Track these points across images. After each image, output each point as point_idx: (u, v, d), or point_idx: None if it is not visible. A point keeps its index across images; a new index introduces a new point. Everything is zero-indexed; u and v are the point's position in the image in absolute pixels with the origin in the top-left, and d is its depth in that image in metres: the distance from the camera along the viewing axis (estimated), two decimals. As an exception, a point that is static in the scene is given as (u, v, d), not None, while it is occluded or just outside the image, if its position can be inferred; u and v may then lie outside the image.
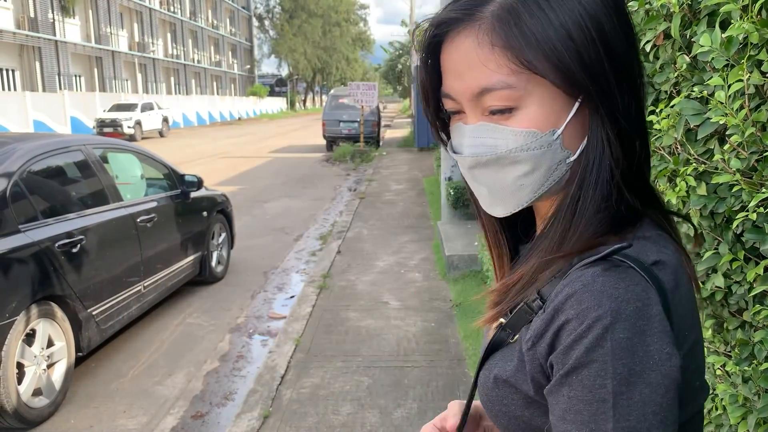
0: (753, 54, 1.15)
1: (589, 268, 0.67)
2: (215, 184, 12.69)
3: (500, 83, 0.71)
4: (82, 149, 4.70)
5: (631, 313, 0.63)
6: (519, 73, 0.70)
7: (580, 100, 0.72)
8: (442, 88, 0.79)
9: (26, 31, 29.11)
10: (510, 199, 0.77)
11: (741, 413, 1.45)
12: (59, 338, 3.96)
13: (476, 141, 0.75)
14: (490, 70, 0.71)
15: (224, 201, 6.85)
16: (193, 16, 52.26)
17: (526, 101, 0.71)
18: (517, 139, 0.72)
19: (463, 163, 0.78)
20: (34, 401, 3.74)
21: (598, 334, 0.62)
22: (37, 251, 3.78)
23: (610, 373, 0.62)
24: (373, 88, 18.17)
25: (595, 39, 0.70)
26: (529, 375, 0.72)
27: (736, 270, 1.40)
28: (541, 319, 0.69)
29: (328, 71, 74.49)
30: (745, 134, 1.18)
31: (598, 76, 0.71)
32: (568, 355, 0.65)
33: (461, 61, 0.73)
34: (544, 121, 0.72)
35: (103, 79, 36.46)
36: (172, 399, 4.13)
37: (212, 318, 5.60)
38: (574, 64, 0.70)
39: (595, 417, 0.62)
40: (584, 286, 0.65)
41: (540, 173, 0.74)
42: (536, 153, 0.73)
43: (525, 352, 0.72)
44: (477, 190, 0.81)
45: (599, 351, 0.62)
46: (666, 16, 1.51)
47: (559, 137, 0.72)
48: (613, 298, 0.64)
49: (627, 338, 0.62)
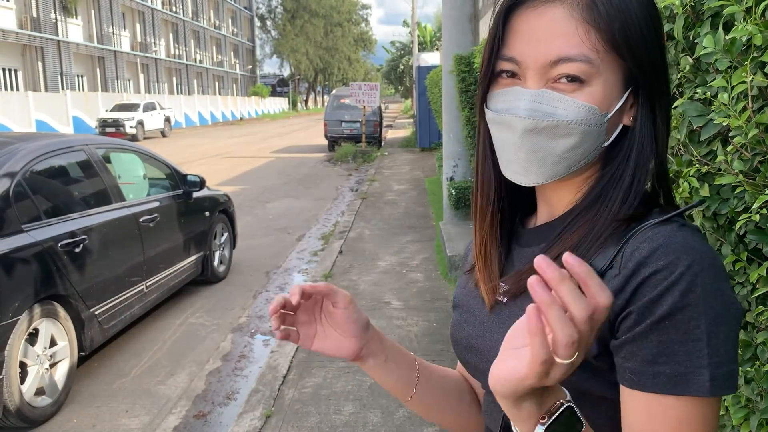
0: (756, 56, 1.15)
1: (663, 226, 0.73)
2: (217, 184, 12.70)
3: (581, 56, 0.75)
4: (85, 149, 4.71)
5: (711, 262, 0.70)
6: (599, 53, 0.75)
7: (631, 89, 0.79)
8: (503, 51, 0.80)
9: (29, 31, 29.16)
10: (548, 169, 0.80)
11: (743, 414, 1.45)
12: (62, 338, 3.97)
13: (536, 105, 0.77)
14: (575, 42, 0.75)
15: (226, 201, 6.86)
16: (195, 17, 52.30)
17: (595, 79, 0.76)
18: (579, 111, 0.76)
19: (518, 125, 0.78)
20: (37, 400, 3.75)
21: (690, 279, 0.68)
22: (40, 251, 3.79)
23: (703, 315, 0.67)
24: (375, 88, 18.17)
25: (655, 39, 0.78)
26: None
27: (738, 271, 1.39)
28: (619, 278, 0.72)
29: (330, 71, 74.53)
30: (749, 136, 1.18)
31: (658, 69, 0.79)
32: (660, 302, 0.69)
33: (544, 28, 0.76)
34: (603, 101, 0.77)
35: (105, 79, 36.51)
36: (175, 398, 4.14)
37: (214, 318, 5.60)
38: (644, 53, 0.77)
39: (690, 355, 0.67)
40: (668, 240, 0.71)
41: (582, 150, 0.79)
42: (589, 130, 0.77)
43: None
44: (512, 155, 0.81)
45: (692, 295, 0.68)
46: (669, 18, 1.51)
47: (607, 121, 0.78)
48: (696, 250, 0.70)
49: (711, 283, 0.69)
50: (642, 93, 0.79)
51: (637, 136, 0.80)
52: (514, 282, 0.84)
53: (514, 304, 0.85)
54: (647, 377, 0.69)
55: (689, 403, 0.68)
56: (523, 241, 0.91)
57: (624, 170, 0.80)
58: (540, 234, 0.88)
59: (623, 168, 0.80)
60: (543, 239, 0.86)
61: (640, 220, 0.76)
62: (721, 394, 0.68)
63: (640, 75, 0.78)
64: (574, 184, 0.85)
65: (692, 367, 0.67)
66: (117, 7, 37.90)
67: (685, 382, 0.67)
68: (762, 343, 1.37)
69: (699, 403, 0.68)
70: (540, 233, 0.88)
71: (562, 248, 0.79)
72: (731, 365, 0.68)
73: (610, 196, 0.80)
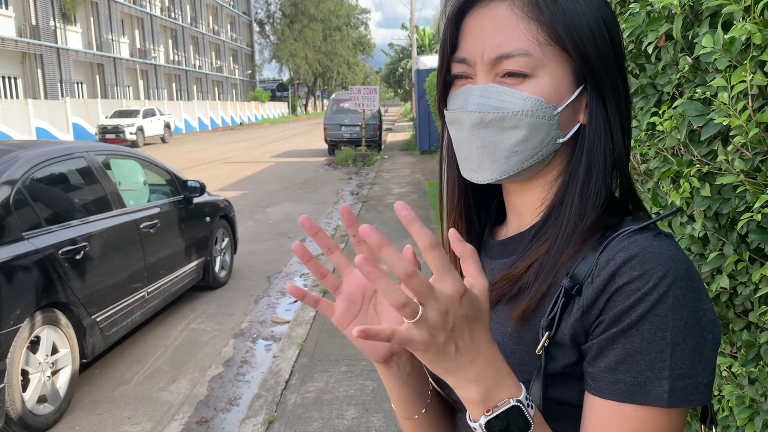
0: (756, 55, 1.15)
1: (638, 235, 0.73)
2: (218, 189, 12.70)
3: (521, 50, 0.76)
4: (85, 156, 4.71)
5: (685, 273, 0.70)
6: (541, 45, 0.77)
7: (583, 86, 0.80)
8: (456, 53, 0.83)
9: (28, 39, 29.21)
10: (500, 164, 0.80)
11: (748, 415, 1.45)
12: (63, 345, 3.96)
13: (484, 100, 0.79)
14: (516, 37, 0.77)
15: (227, 206, 6.86)
16: (194, 22, 52.38)
17: (540, 72, 0.77)
18: (525, 103, 0.77)
19: (467, 119, 0.80)
20: (39, 408, 3.74)
21: (662, 291, 0.68)
22: (41, 258, 3.78)
23: (670, 326, 0.67)
24: (374, 91, 18.16)
25: (605, 36, 0.79)
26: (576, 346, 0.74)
27: (741, 271, 1.39)
28: (594, 287, 0.72)
29: (329, 75, 74.59)
30: (749, 135, 1.17)
31: (608, 68, 0.80)
32: (629, 312, 0.69)
33: (489, 25, 0.79)
34: (551, 93, 0.78)
35: (104, 85, 36.55)
36: (177, 405, 4.13)
37: (216, 323, 5.60)
38: (592, 50, 0.78)
39: (652, 365, 0.68)
40: (643, 249, 0.71)
41: (533, 144, 0.79)
42: (537, 122, 0.78)
43: (572, 323, 0.73)
44: (466, 152, 0.83)
45: (662, 306, 0.68)
46: (668, 18, 1.51)
47: (558, 115, 0.79)
48: (672, 260, 0.70)
49: (683, 295, 0.68)
50: (593, 90, 0.80)
51: (587, 133, 0.81)
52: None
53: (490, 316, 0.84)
54: (607, 384, 0.70)
55: (647, 413, 0.68)
56: (494, 254, 0.90)
57: (578, 166, 0.81)
58: (511, 245, 0.87)
59: (577, 164, 0.81)
60: (514, 250, 0.86)
61: (614, 228, 0.77)
62: (680, 406, 0.68)
63: (587, 71, 0.79)
64: (538, 188, 0.85)
65: (653, 377, 0.67)
66: (116, 14, 37.97)
67: (643, 392, 0.68)
68: (766, 343, 1.37)
69: (657, 414, 0.68)
70: (511, 244, 0.88)
71: (533, 258, 0.80)
72: (696, 378, 0.68)
73: (569, 195, 0.81)
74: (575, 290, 0.73)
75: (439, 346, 0.61)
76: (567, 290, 0.74)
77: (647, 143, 1.63)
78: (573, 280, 0.74)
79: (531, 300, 0.77)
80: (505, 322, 0.80)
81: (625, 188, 0.83)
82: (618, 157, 0.81)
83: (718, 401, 1.66)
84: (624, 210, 0.82)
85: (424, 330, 0.60)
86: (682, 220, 1.59)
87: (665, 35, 1.53)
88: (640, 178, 1.82)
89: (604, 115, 0.80)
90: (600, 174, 0.80)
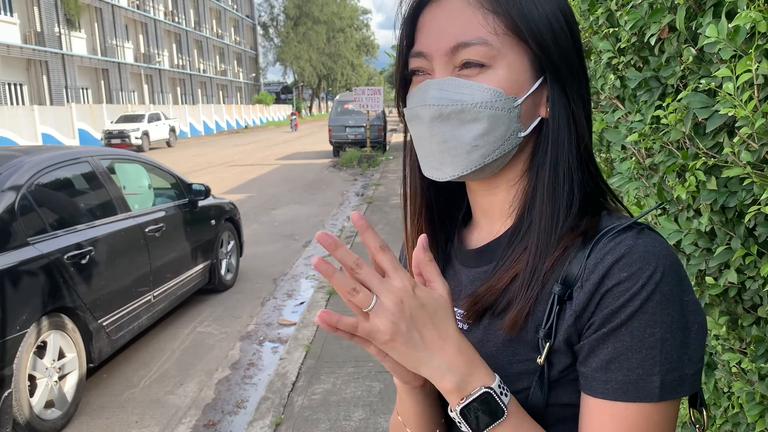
0: (761, 43, 1.13)
1: (623, 234, 0.73)
2: (223, 192, 12.73)
3: (478, 39, 0.75)
4: (90, 161, 4.71)
5: (672, 269, 0.70)
6: (499, 36, 0.76)
7: (543, 78, 0.78)
8: (413, 48, 0.82)
9: (33, 46, 29.36)
10: (461, 160, 0.79)
11: (758, 411, 1.43)
12: (70, 350, 3.96)
13: (442, 93, 0.77)
14: (472, 27, 0.76)
15: (232, 209, 6.86)
16: (198, 26, 52.55)
17: (498, 63, 0.76)
18: (483, 95, 0.76)
19: (425, 114, 0.79)
20: (47, 413, 3.74)
21: (651, 289, 0.68)
22: (47, 263, 3.79)
23: (659, 323, 0.68)
24: (378, 92, 18.16)
25: (565, 29, 0.79)
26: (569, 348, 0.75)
27: (749, 265, 1.37)
28: (584, 292, 0.72)
29: (333, 77, 74.70)
30: (755, 126, 1.15)
31: (569, 59, 0.79)
32: (620, 312, 0.69)
33: (445, 17, 0.78)
34: (510, 85, 0.76)
35: (109, 90, 36.71)
36: (184, 408, 4.13)
37: (222, 326, 5.59)
38: (551, 41, 0.77)
39: (643, 362, 0.68)
40: (630, 250, 0.71)
41: (494, 137, 0.78)
42: (496, 114, 0.76)
43: (566, 329, 0.73)
44: (426, 149, 0.81)
45: (650, 304, 0.68)
46: (670, 9, 1.49)
47: (518, 107, 0.77)
48: (658, 257, 0.70)
49: (670, 290, 0.69)
50: (554, 82, 0.79)
51: (551, 126, 0.79)
52: (471, 305, 0.81)
53: (477, 328, 0.82)
54: (599, 383, 0.70)
55: (639, 409, 0.69)
56: (471, 262, 0.88)
57: (544, 162, 0.79)
58: (488, 252, 0.85)
59: (543, 159, 0.80)
60: (492, 257, 0.84)
61: (595, 227, 0.76)
62: (671, 398, 0.69)
63: (546, 61, 0.77)
64: (504, 186, 0.84)
65: (644, 374, 0.68)
66: (120, 19, 38.13)
67: (635, 389, 0.68)
68: (775, 338, 1.34)
69: (650, 409, 0.69)
70: (488, 251, 0.85)
71: (515, 268, 0.78)
72: (684, 369, 0.69)
73: (539, 194, 0.79)
74: (567, 295, 0.73)
75: (402, 333, 0.66)
76: (560, 297, 0.73)
77: (652, 137, 1.61)
78: (564, 286, 0.73)
79: (521, 310, 0.76)
80: (496, 334, 0.78)
81: (594, 181, 0.82)
82: (585, 149, 0.80)
83: (728, 398, 1.64)
84: (597, 205, 0.81)
85: (383, 317, 0.66)
86: (689, 215, 1.56)
87: (668, 26, 1.51)
88: (645, 172, 1.79)
89: (567, 106, 0.79)
90: (567, 169, 0.78)
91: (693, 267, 1.52)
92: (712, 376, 1.66)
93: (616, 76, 1.87)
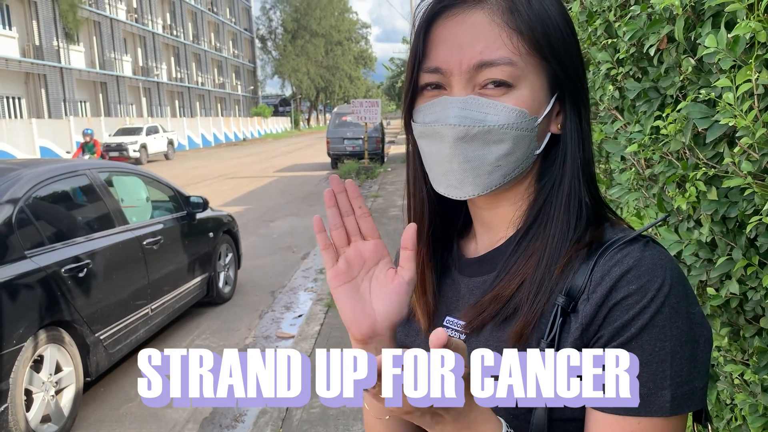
0: (761, 53, 1.13)
1: (629, 247, 0.72)
2: (221, 204, 12.71)
3: (504, 59, 0.74)
4: (87, 173, 4.70)
5: (678, 281, 0.70)
6: (523, 56, 0.75)
7: (556, 95, 0.78)
8: (426, 62, 0.79)
9: (31, 59, 29.42)
10: (483, 179, 0.78)
11: (762, 423, 1.41)
12: (67, 363, 3.93)
13: (465, 112, 0.75)
14: (497, 46, 0.74)
15: (230, 221, 6.84)
16: (196, 40, 52.73)
17: (522, 83, 0.75)
18: (509, 115, 0.75)
19: (449, 133, 0.76)
20: (43, 428, 3.71)
21: (660, 302, 0.68)
22: (44, 277, 3.77)
23: (668, 336, 0.68)
24: (376, 104, 18.20)
25: (575, 45, 0.79)
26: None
27: (751, 276, 1.36)
28: (590, 305, 0.71)
29: (331, 90, 74.89)
30: (756, 136, 1.15)
31: (580, 72, 0.80)
32: (630, 325, 0.68)
33: (466, 33, 0.75)
34: (532, 105, 0.76)
35: (108, 104, 36.74)
36: (182, 422, 4.09)
37: (220, 339, 5.56)
38: (567, 59, 0.78)
39: (654, 377, 0.68)
40: (637, 262, 0.70)
41: (516, 157, 0.77)
42: (521, 134, 0.76)
43: (572, 342, 0.72)
44: (445, 167, 0.79)
45: (660, 317, 0.68)
46: (669, 19, 1.49)
47: (537, 126, 0.77)
48: (665, 269, 0.70)
49: (678, 302, 0.69)
50: (568, 99, 0.79)
51: (568, 143, 0.79)
52: (475, 315, 0.80)
53: (477, 338, 0.79)
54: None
55: (650, 424, 0.68)
56: (471, 271, 0.86)
57: (562, 179, 0.79)
58: (489, 261, 0.84)
59: (560, 177, 0.79)
60: (493, 266, 0.83)
61: (599, 239, 0.76)
62: (681, 413, 0.68)
63: (565, 79, 0.78)
64: (510, 201, 0.83)
65: (655, 388, 0.68)
66: (118, 33, 38.25)
67: (646, 404, 0.68)
68: (778, 349, 1.33)
69: (661, 424, 0.68)
70: (488, 260, 0.84)
71: (521, 275, 0.77)
72: (693, 383, 0.68)
73: (555, 207, 0.79)
74: (571, 307, 0.72)
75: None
76: (563, 309, 0.72)
77: (651, 147, 1.61)
78: (569, 298, 0.72)
79: (528, 319, 0.75)
80: (499, 345, 0.76)
81: (595, 195, 0.82)
82: (589, 165, 0.81)
83: (730, 410, 1.63)
84: (599, 216, 0.81)
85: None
86: (689, 225, 1.56)
87: (667, 37, 1.51)
88: (645, 183, 1.79)
89: (578, 123, 0.80)
90: (578, 183, 0.79)
91: (694, 278, 1.51)
92: (715, 387, 1.64)
93: (615, 86, 1.88)
